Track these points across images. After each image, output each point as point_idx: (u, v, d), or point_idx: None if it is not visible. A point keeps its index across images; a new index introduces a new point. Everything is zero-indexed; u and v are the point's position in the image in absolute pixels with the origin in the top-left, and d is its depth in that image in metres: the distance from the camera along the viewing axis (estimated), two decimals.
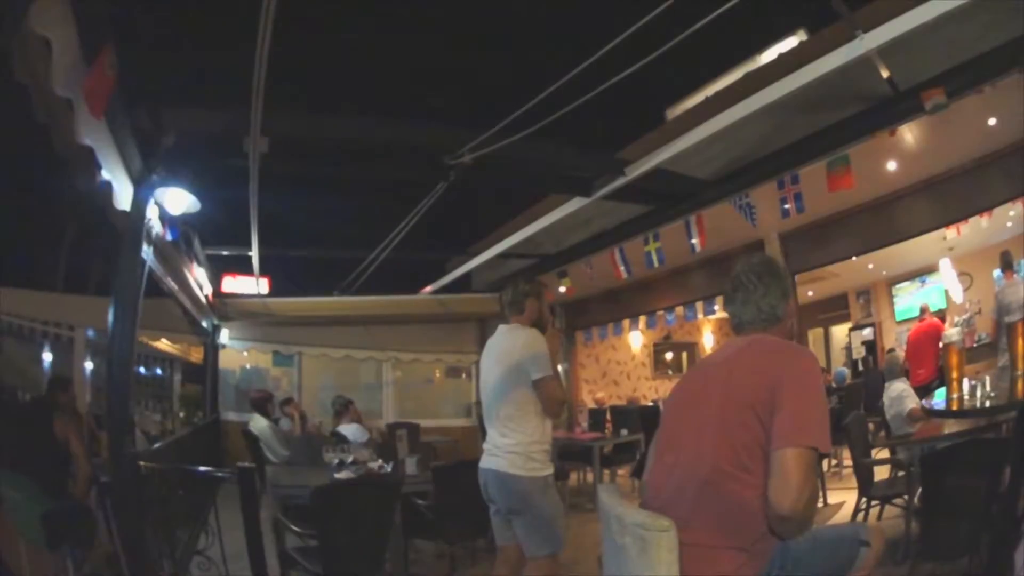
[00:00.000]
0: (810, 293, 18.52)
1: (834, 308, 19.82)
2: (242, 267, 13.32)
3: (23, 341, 12.02)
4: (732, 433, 2.61)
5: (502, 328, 5.10)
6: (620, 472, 12.06)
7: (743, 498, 2.55)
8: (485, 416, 5.05)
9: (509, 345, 4.88)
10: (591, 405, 16.37)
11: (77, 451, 6.06)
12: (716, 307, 14.12)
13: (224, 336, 15.19)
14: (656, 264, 10.81)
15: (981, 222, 11.03)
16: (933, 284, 15.89)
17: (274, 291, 14.84)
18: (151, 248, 6.48)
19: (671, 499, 2.71)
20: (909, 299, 16.73)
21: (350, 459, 7.13)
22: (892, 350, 13.66)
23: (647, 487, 3.03)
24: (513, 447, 4.65)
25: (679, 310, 15.43)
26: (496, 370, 4.89)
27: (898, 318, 17.21)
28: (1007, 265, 9.61)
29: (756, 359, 2.79)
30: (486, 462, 4.81)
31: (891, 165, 8.96)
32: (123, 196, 5.58)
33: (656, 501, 2.80)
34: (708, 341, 21.20)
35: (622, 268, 11.40)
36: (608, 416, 13.54)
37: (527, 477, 4.59)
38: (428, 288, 15.80)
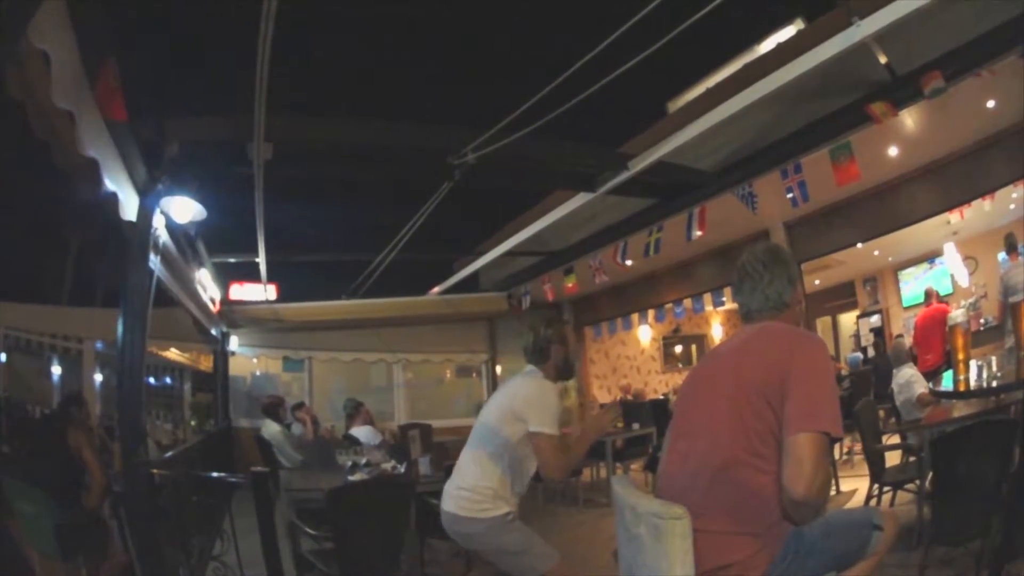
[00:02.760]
0: (817, 282, 18.47)
1: (841, 296, 19.79)
2: (249, 274, 13.35)
3: (31, 356, 12.06)
4: (745, 420, 2.62)
5: (525, 370, 4.79)
6: (633, 467, 12.04)
7: (757, 484, 2.57)
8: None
9: (514, 388, 4.66)
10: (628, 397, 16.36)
11: (91, 463, 6.08)
12: (724, 298, 14.06)
13: (233, 343, 15.24)
14: (652, 253, 10.79)
15: (984, 205, 11.06)
16: (940, 267, 15.87)
17: (282, 297, 14.90)
18: (158, 258, 6.50)
19: (685, 487, 2.72)
20: (915, 285, 16.68)
21: (363, 461, 7.15)
22: (900, 336, 13.66)
23: (661, 476, 3.03)
24: (470, 485, 4.39)
25: (687, 302, 15.43)
26: (491, 406, 4.68)
27: (905, 304, 17.17)
28: (1011, 247, 9.59)
29: (765, 346, 2.80)
30: (443, 502, 4.54)
31: (892, 151, 8.95)
32: (129, 207, 5.58)
33: (670, 489, 2.81)
34: (717, 333, 21.14)
35: (628, 263, 11.40)
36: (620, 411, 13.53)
37: (476, 519, 4.32)
38: (436, 289, 15.82)
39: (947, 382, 7.51)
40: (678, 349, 20.73)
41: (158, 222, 6.27)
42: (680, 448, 2.92)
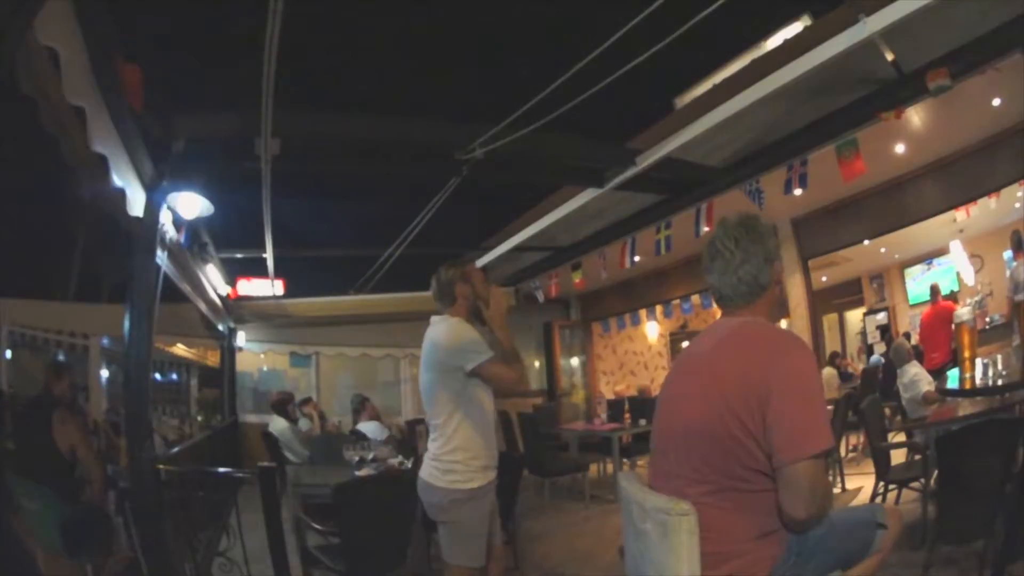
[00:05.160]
0: (824, 278, 18.37)
1: (848, 293, 19.77)
2: (257, 270, 13.35)
3: (37, 352, 12.07)
4: (725, 449, 2.50)
5: (431, 319, 4.77)
6: (640, 463, 12.03)
7: (745, 504, 2.51)
8: None
9: (429, 344, 4.62)
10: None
11: (84, 454, 6.03)
12: None
13: (241, 339, 15.23)
14: (664, 251, 10.82)
15: (990, 203, 11.02)
16: (941, 267, 15.88)
17: (289, 292, 14.89)
18: (165, 253, 6.51)
19: None
20: (921, 282, 16.65)
21: (370, 456, 7.16)
22: (907, 334, 13.65)
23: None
24: (434, 454, 4.41)
25: (695, 298, 15.45)
26: (423, 374, 4.67)
27: (911, 301, 17.15)
28: (1018, 245, 9.58)
29: (740, 360, 2.60)
30: (421, 469, 4.55)
31: (899, 148, 8.97)
32: (136, 202, 5.59)
33: None
34: None
35: (635, 259, 11.43)
36: (627, 407, 13.56)
37: (443, 489, 4.29)
38: None
39: (953, 380, 7.51)
40: (685, 345, 20.59)
41: (165, 218, 6.28)
42: (663, 468, 2.80)
